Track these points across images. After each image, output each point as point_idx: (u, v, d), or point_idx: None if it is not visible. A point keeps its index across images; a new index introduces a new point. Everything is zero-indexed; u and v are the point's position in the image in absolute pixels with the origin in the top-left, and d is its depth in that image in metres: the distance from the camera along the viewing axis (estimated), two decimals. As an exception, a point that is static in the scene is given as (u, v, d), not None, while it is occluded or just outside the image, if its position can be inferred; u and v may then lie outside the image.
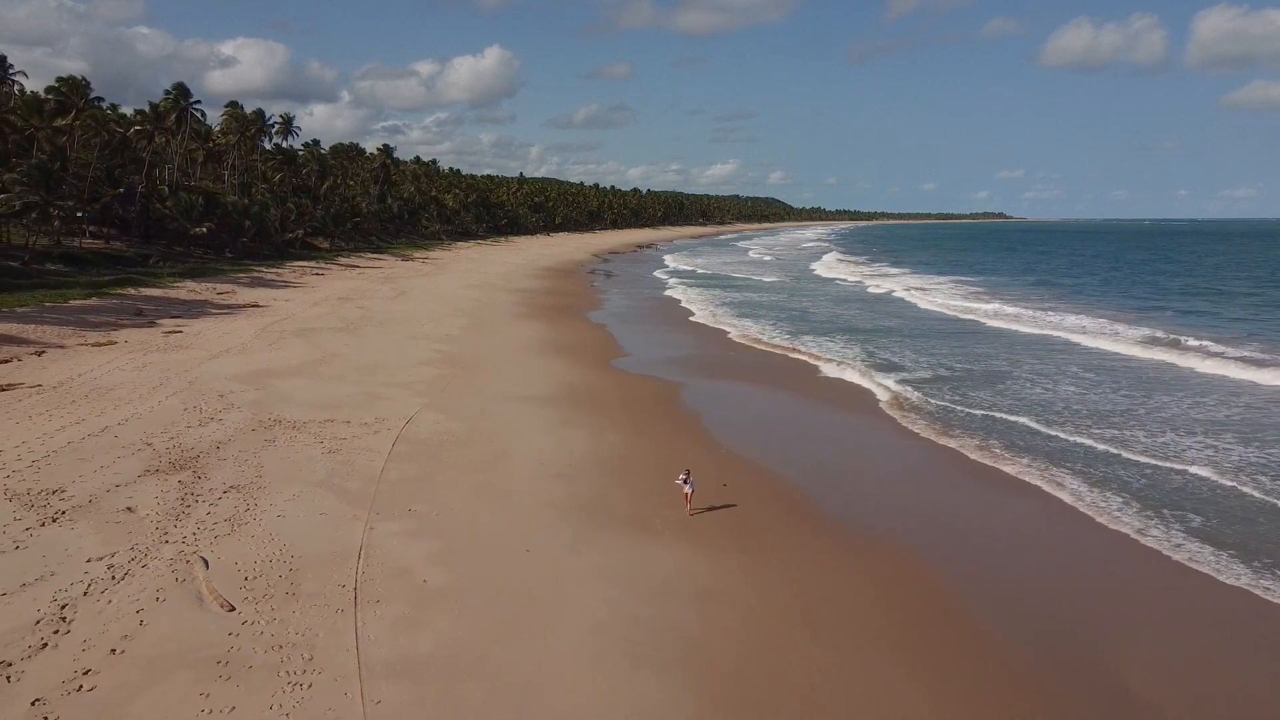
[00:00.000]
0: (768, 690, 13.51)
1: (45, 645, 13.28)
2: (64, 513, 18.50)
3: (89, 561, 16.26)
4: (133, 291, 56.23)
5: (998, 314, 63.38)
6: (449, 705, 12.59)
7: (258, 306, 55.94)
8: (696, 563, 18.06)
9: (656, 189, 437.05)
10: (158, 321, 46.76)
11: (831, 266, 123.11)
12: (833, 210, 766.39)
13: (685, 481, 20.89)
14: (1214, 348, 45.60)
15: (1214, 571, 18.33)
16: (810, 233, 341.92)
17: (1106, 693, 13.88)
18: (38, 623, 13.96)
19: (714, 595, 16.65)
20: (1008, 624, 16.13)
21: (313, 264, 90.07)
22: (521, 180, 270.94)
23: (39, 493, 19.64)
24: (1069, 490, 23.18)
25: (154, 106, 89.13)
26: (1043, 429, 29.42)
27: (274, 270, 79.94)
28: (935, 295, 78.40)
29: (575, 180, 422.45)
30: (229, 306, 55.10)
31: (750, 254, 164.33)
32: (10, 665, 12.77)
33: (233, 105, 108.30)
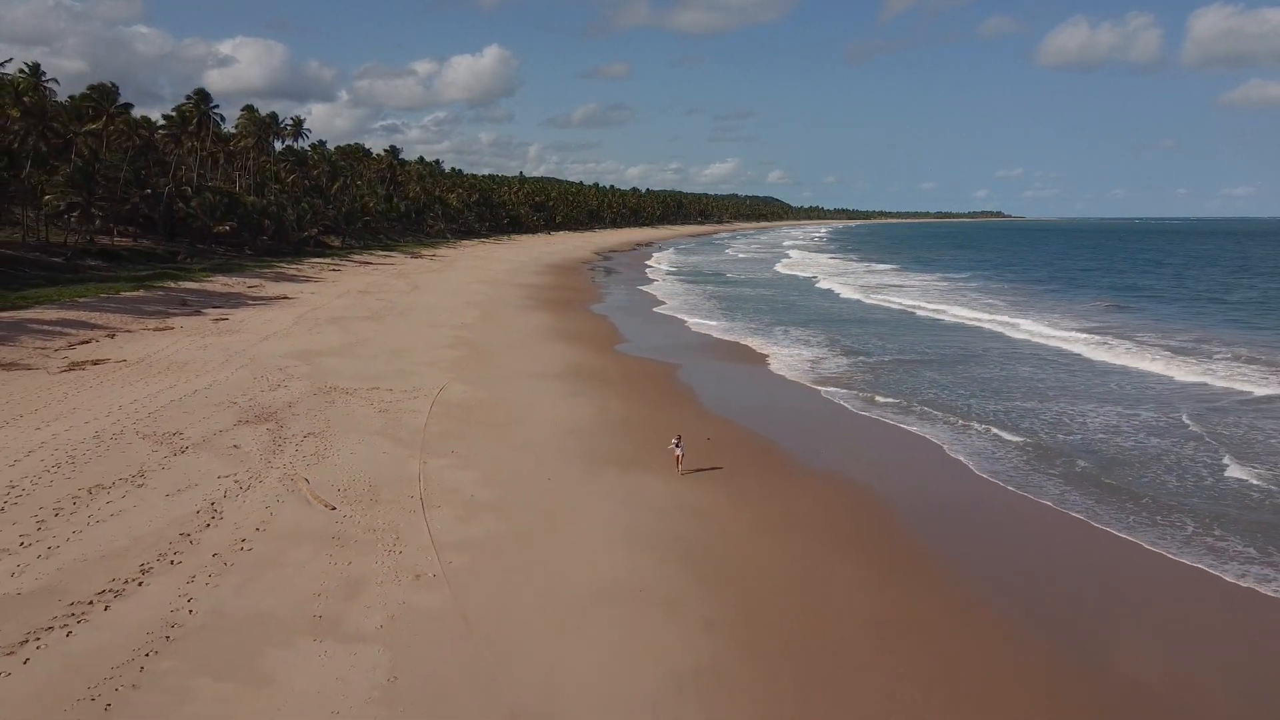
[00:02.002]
0: (740, 571, 18.35)
1: (209, 525, 18.36)
2: (187, 448, 23.62)
3: (219, 478, 21.38)
4: (172, 285, 61.22)
5: (937, 308, 68.81)
6: (500, 569, 17.58)
7: (288, 299, 60.99)
8: (685, 490, 23.00)
9: (655, 188, 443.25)
10: (203, 311, 51.80)
11: (793, 264, 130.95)
12: (831, 209, 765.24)
13: (677, 445, 24.90)
14: (1139, 338, 51.21)
15: (1056, 504, 23.50)
16: (799, 232, 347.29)
17: (994, 570, 19.03)
18: (198, 512, 19.07)
19: (699, 511, 21.58)
20: (932, 532, 21.19)
21: (329, 261, 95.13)
22: (523, 180, 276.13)
23: (163, 434, 24.77)
24: (968, 442, 28.42)
25: (179, 110, 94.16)
26: (960, 399, 34.64)
27: (295, 266, 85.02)
28: (888, 294, 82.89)
29: (574, 179, 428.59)
30: (262, 298, 60.17)
31: (727, 251, 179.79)
32: (189, 535, 17.87)
33: (249, 109, 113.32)
